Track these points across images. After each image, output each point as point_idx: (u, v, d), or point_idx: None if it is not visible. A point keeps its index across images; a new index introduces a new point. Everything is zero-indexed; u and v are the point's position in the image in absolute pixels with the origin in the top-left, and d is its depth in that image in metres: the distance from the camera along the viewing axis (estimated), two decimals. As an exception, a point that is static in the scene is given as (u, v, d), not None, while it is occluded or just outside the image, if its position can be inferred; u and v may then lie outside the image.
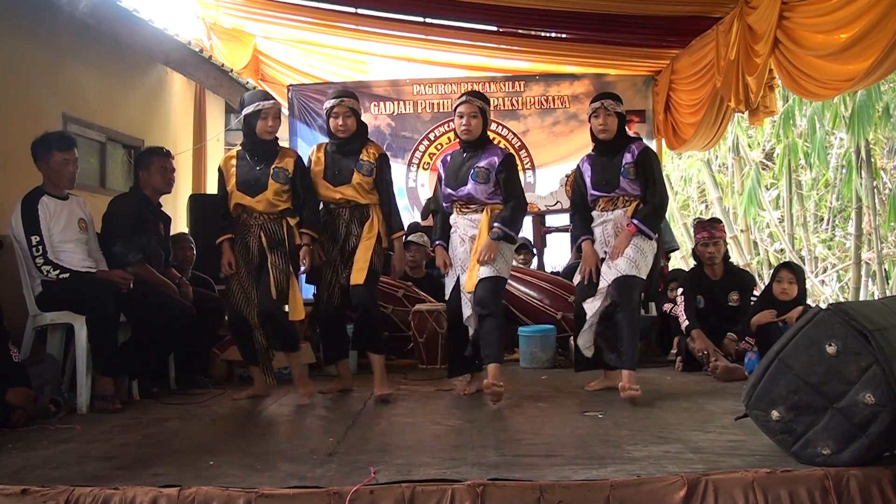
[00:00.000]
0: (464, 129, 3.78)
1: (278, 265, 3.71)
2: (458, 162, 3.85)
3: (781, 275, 4.33)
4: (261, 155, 3.80)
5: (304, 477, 2.36)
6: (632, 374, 3.57)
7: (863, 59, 3.88)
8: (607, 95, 3.89)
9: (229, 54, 6.99)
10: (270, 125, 3.76)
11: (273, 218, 3.78)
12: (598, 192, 3.83)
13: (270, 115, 3.76)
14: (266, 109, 3.75)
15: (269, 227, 3.77)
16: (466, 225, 3.79)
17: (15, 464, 2.63)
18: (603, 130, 3.79)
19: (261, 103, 3.76)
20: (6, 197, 4.10)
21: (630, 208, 3.74)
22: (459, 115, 3.80)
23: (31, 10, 4.75)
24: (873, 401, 2.25)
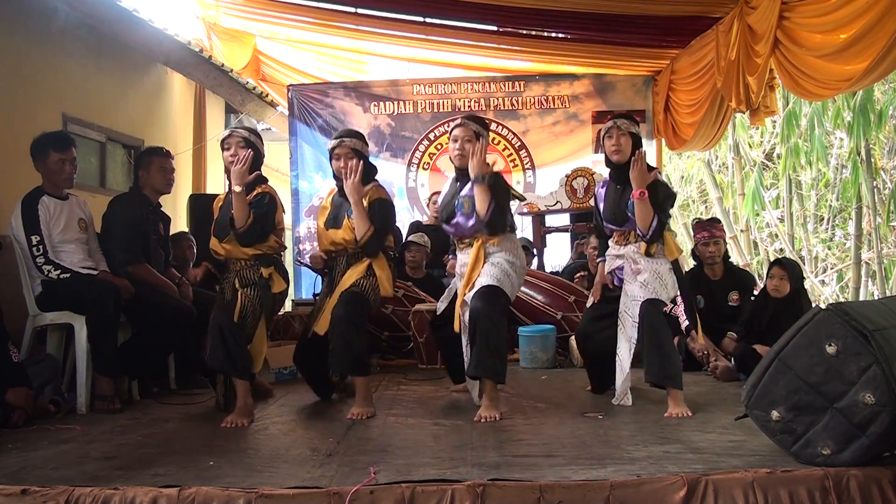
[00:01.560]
0: (457, 153, 3.51)
1: (249, 296, 3.45)
2: (451, 192, 3.62)
3: (773, 271, 4.31)
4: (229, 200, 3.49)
5: (304, 477, 2.36)
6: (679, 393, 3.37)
7: (862, 58, 3.88)
8: (622, 116, 3.64)
9: (229, 54, 7.00)
10: (231, 154, 3.47)
11: (246, 266, 3.51)
12: (611, 225, 3.62)
13: (233, 146, 3.48)
14: (225, 140, 3.52)
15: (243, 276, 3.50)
16: (464, 259, 3.54)
17: (15, 464, 2.63)
18: (616, 151, 3.52)
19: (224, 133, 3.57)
20: (6, 197, 4.11)
21: (643, 245, 3.48)
22: (454, 139, 3.53)
23: (31, 10, 4.75)
24: (873, 401, 2.25)
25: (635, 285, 3.47)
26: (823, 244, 10.48)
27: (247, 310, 3.43)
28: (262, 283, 3.49)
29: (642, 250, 3.49)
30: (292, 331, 5.14)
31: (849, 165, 8.89)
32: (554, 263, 6.59)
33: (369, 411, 3.40)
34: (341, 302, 3.47)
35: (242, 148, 3.47)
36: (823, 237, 10.52)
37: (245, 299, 3.44)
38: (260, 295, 3.47)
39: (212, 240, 3.58)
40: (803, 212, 10.28)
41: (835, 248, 10.49)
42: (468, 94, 7.53)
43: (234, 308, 3.41)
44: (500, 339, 3.34)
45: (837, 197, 10.00)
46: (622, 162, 3.51)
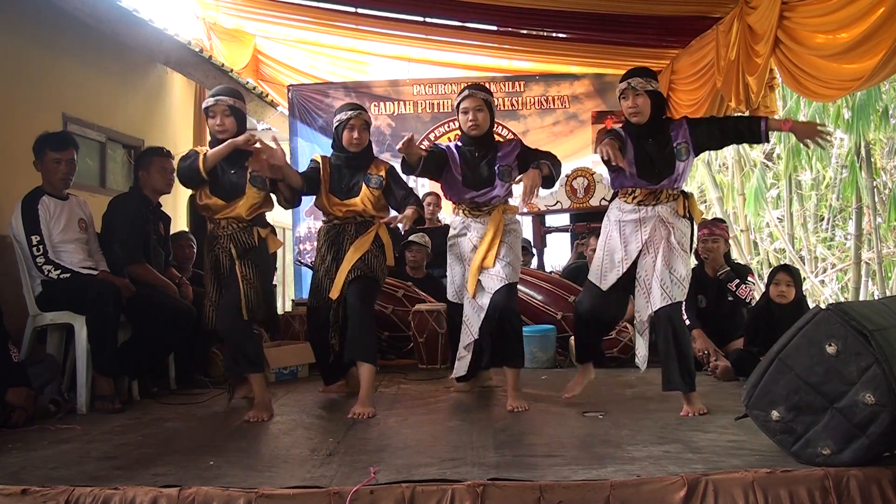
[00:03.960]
0: (471, 124, 3.56)
1: (248, 277, 3.44)
2: (473, 161, 3.61)
3: (779, 277, 4.27)
4: (231, 159, 3.49)
5: (304, 477, 2.36)
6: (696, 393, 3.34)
7: (868, 58, 3.87)
8: (636, 73, 3.36)
9: (229, 54, 7.00)
10: (218, 123, 3.48)
11: (243, 227, 3.51)
12: (643, 180, 3.32)
13: (219, 114, 3.48)
14: (210, 108, 3.51)
15: (238, 238, 3.49)
16: (480, 229, 3.60)
17: (15, 464, 2.63)
18: (634, 113, 3.30)
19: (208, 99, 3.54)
20: (6, 197, 4.11)
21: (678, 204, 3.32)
22: (464, 111, 3.58)
23: (31, 10, 4.75)
24: (873, 401, 2.25)
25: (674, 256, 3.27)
26: (823, 244, 10.48)
27: (251, 297, 3.42)
28: (262, 246, 3.51)
29: (680, 210, 3.32)
30: (292, 330, 5.13)
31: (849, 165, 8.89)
32: (554, 263, 6.59)
33: (369, 411, 3.40)
34: (359, 291, 3.57)
35: (227, 116, 3.47)
36: (823, 237, 10.52)
37: (246, 285, 3.42)
38: (258, 264, 3.48)
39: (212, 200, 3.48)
40: (803, 212, 10.28)
41: (835, 248, 10.49)
42: (468, 94, 7.53)
43: (240, 303, 3.39)
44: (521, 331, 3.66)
45: (837, 197, 10.00)
46: (642, 123, 3.32)
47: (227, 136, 3.47)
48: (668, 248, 3.30)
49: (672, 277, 3.28)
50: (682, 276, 3.30)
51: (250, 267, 3.47)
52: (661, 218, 3.32)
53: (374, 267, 3.66)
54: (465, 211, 3.66)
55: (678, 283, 3.29)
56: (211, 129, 3.55)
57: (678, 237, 3.32)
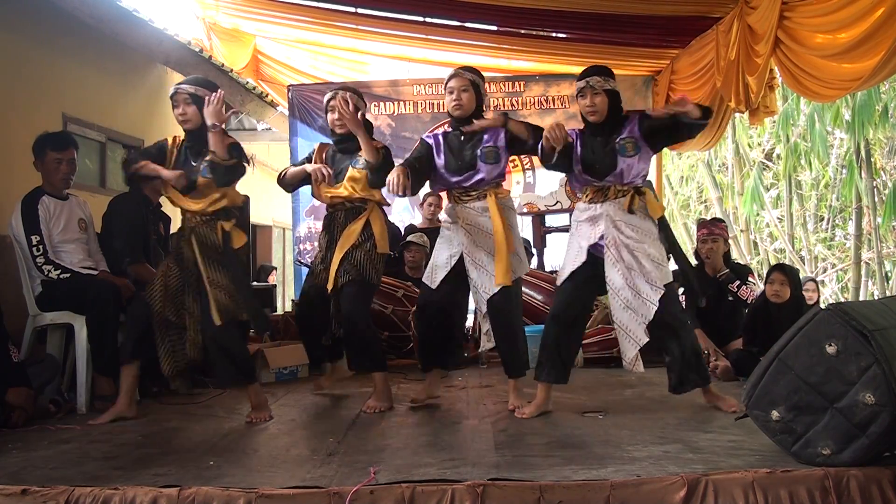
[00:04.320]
0: (454, 104, 3.44)
1: (216, 281, 3.35)
2: (457, 145, 3.50)
3: (773, 277, 4.28)
4: (194, 148, 3.40)
5: (304, 477, 2.36)
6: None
7: (868, 58, 3.87)
8: (594, 71, 3.38)
9: (229, 54, 7.00)
10: (181, 112, 3.38)
11: (205, 220, 3.40)
12: (588, 176, 3.35)
13: (181, 103, 3.38)
14: (172, 97, 3.39)
15: (200, 232, 3.39)
16: (473, 215, 3.46)
17: (15, 464, 2.63)
18: (592, 112, 3.32)
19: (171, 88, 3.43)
20: (6, 197, 4.11)
21: (625, 200, 3.27)
22: (449, 90, 3.46)
23: (31, 10, 4.75)
24: (873, 401, 2.25)
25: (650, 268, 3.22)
26: (823, 244, 10.48)
27: (221, 301, 3.32)
28: (226, 242, 3.38)
29: (624, 206, 3.27)
30: (292, 331, 5.13)
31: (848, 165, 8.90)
32: (554, 263, 6.58)
33: (386, 405, 3.54)
34: (352, 298, 3.53)
35: (188, 104, 3.36)
36: (823, 237, 10.52)
37: (214, 288, 3.31)
38: (223, 264, 3.36)
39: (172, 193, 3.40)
40: (803, 212, 10.29)
41: (835, 248, 10.49)
42: (468, 94, 7.52)
43: (211, 309, 3.31)
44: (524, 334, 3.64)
45: (837, 197, 10.00)
46: (599, 122, 3.33)
47: (189, 125, 3.39)
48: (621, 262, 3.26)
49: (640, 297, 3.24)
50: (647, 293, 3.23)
51: (215, 268, 3.36)
52: (609, 215, 3.30)
53: (364, 267, 3.57)
54: (456, 197, 3.54)
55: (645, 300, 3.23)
56: (176, 118, 3.45)
57: (629, 234, 3.27)
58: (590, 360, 4.88)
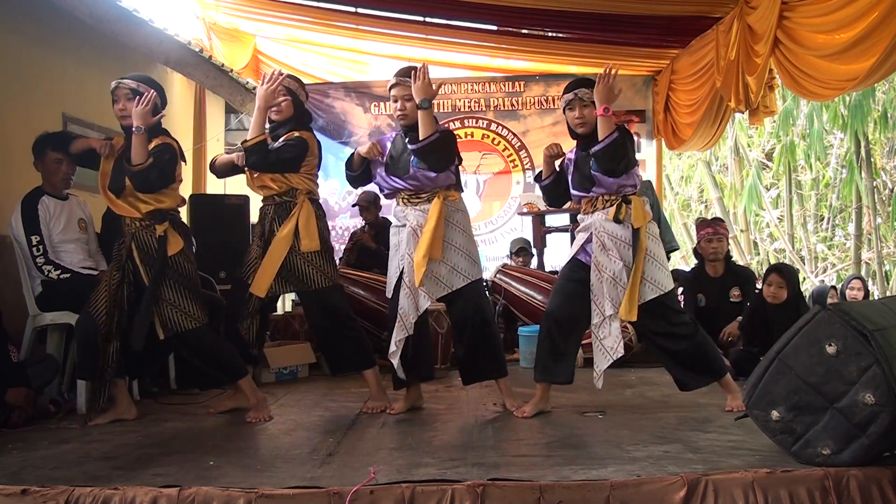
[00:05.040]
0: (400, 114, 3.39)
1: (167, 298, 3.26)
2: (400, 147, 3.44)
3: (771, 278, 4.25)
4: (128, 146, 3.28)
5: (304, 477, 2.36)
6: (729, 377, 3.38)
7: (865, 58, 3.88)
8: (582, 83, 3.41)
9: (229, 54, 6.99)
10: (120, 108, 3.34)
11: (143, 226, 3.30)
12: (578, 192, 3.43)
13: (121, 98, 3.34)
14: (112, 91, 3.35)
15: (138, 237, 3.30)
16: (418, 216, 3.37)
17: (15, 464, 2.63)
18: (581, 124, 3.34)
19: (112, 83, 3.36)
20: (6, 197, 4.10)
21: (612, 210, 3.28)
22: (393, 98, 3.41)
23: (31, 10, 4.75)
24: (873, 401, 2.25)
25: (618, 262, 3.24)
26: (823, 244, 10.49)
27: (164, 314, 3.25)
28: (161, 243, 3.27)
29: (610, 216, 3.28)
30: (292, 330, 5.13)
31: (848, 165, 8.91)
32: (554, 263, 6.58)
33: (383, 405, 3.51)
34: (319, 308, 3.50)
35: (129, 100, 3.30)
36: (823, 237, 10.53)
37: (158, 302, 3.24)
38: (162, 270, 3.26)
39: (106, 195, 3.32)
40: (803, 212, 10.29)
41: (835, 248, 10.49)
42: (468, 94, 7.53)
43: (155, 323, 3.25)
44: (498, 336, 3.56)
45: (837, 197, 10.01)
46: (588, 133, 3.33)
47: (128, 121, 3.31)
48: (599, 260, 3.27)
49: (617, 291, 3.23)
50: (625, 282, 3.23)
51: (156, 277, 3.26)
52: (595, 225, 3.33)
53: (309, 277, 3.47)
54: (404, 199, 3.44)
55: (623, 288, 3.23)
56: (116, 114, 3.40)
57: (610, 245, 3.27)
58: (590, 360, 4.86)
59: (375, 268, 5.69)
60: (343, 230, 7.39)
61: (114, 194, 3.32)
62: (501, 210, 7.51)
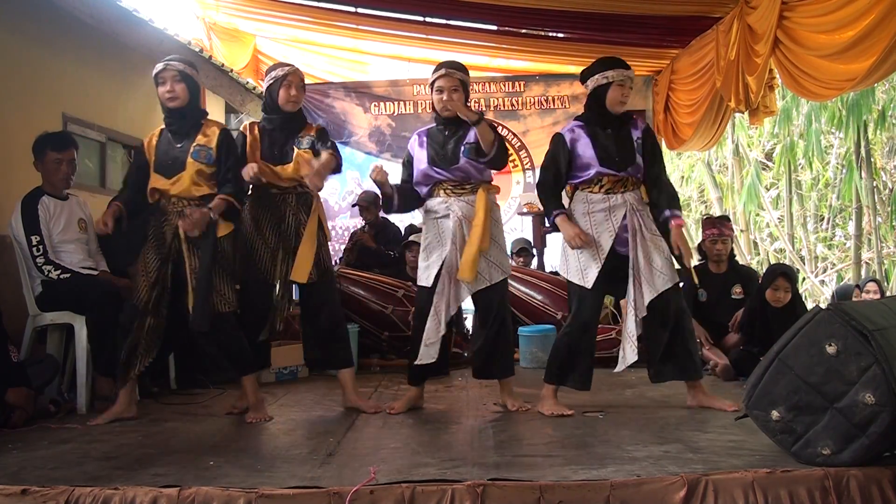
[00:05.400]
0: (444, 105, 3.42)
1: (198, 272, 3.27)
2: (441, 140, 3.47)
3: (778, 283, 4.19)
4: (179, 131, 3.36)
5: (304, 477, 2.36)
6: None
7: (864, 58, 3.88)
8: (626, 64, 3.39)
9: (229, 54, 6.99)
10: (166, 90, 3.34)
11: (192, 205, 3.33)
12: (607, 169, 3.33)
13: (168, 80, 3.33)
14: (160, 73, 3.34)
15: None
16: (464, 207, 3.41)
17: (15, 464, 2.63)
18: (623, 103, 3.35)
19: (158, 65, 3.34)
20: (6, 197, 4.10)
21: (642, 191, 3.35)
22: (438, 90, 3.42)
23: (31, 10, 4.74)
24: (873, 401, 2.25)
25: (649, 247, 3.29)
26: (823, 244, 10.49)
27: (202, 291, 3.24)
28: (211, 229, 3.29)
29: (644, 197, 3.36)
30: (292, 330, 5.12)
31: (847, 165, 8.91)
32: (554, 263, 6.58)
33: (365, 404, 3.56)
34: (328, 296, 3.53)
35: (177, 82, 3.33)
36: (823, 237, 10.53)
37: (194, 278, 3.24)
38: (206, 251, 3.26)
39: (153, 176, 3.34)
40: (803, 212, 10.29)
41: (835, 248, 10.49)
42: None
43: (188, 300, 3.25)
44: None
45: (837, 197, 10.01)
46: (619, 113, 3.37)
47: (177, 103, 3.34)
48: (643, 240, 3.32)
49: (653, 270, 3.30)
50: (660, 266, 3.31)
51: (198, 257, 3.28)
52: (631, 205, 3.34)
53: (328, 266, 3.58)
54: (447, 190, 3.45)
55: (659, 273, 3.30)
56: (161, 97, 3.36)
57: (649, 224, 3.35)
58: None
59: (375, 268, 5.70)
60: (343, 230, 7.39)
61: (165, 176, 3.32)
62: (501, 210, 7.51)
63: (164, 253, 3.33)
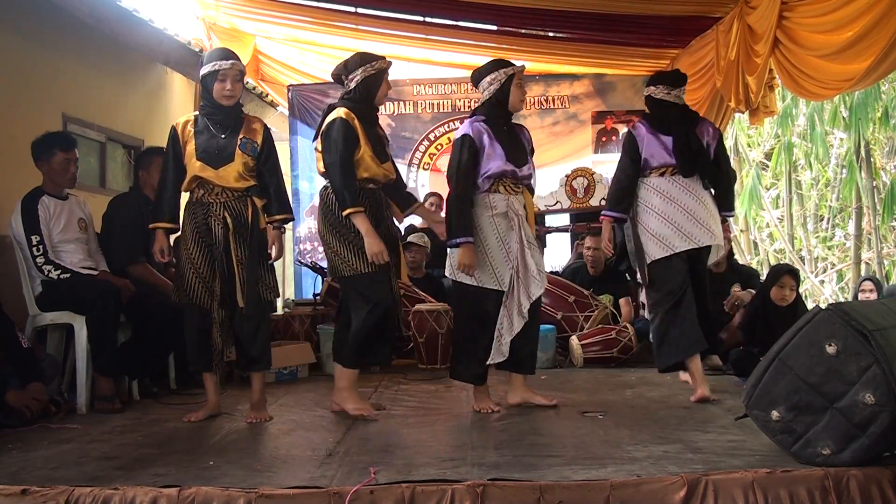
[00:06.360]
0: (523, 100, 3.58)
1: (245, 262, 3.27)
2: (506, 136, 3.47)
3: (784, 280, 4.15)
4: (223, 122, 3.34)
5: (304, 477, 2.36)
6: None
7: (863, 58, 3.89)
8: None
9: (229, 54, 6.98)
10: (229, 88, 3.31)
11: (237, 197, 3.34)
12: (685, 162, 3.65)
13: (229, 78, 3.29)
14: (224, 71, 3.28)
15: (233, 207, 3.30)
16: (518, 206, 3.45)
17: (15, 464, 2.63)
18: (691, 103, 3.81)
19: (217, 63, 3.29)
20: (6, 197, 4.10)
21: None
22: (518, 84, 3.52)
23: (31, 10, 4.75)
24: (873, 401, 2.25)
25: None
26: (823, 244, 10.48)
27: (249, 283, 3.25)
28: (255, 220, 3.32)
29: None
30: (292, 331, 5.13)
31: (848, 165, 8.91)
32: (554, 263, 6.58)
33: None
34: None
35: (238, 82, 3.33)
36: (823, 237, 10.53)
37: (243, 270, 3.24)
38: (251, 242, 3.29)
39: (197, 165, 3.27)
40: (803, 212, 10.29)
41: (835, 248, 10.49)
42: (468, 94, 7.51)
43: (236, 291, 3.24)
44: None
45: (837, 197, 10.01)
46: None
47: (233, 101, 3.35)
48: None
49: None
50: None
51: (245, 247, 3.28)
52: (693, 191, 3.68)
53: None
54: (508, 187, 3.45)
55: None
56: (217, 94, 3.30)
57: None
58: (590, 360, 4.87)
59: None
60: (343, 230, 7.39)
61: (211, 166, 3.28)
62: (501, 210, 7.51)
63: (210, 245, 3.29)
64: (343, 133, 3.27)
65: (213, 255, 3.29)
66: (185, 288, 3.31)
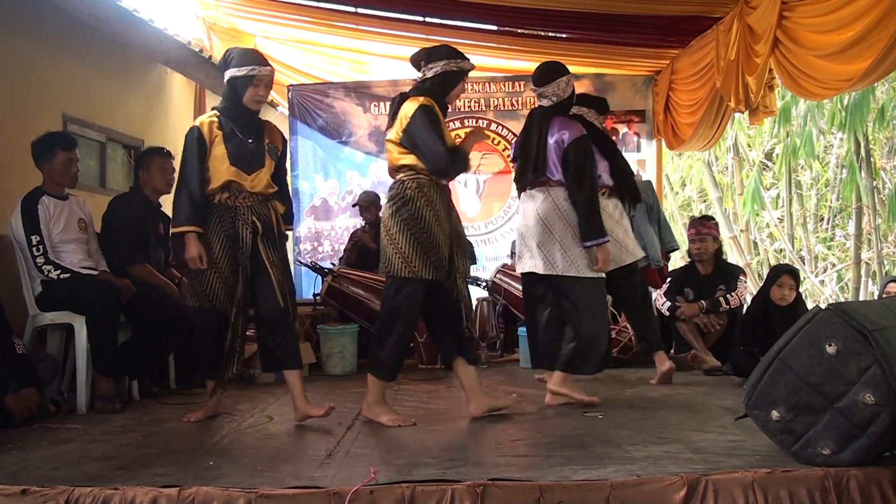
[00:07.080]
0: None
1: (276, 263, 3.29)
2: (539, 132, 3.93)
3: (783, 280, 4.19)
4: (248, 127, 3.32)
5: (304, 477, 2.36)
6: None
7: (863, 58, 3.88)
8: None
9: (229, 54, 6.98)
10: (262, 94, 3.29)
11: (262, 201, 3.32)
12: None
13: (263, 84, 3.27)
14: (260, 76, 3.25)
15: (260, 212, 3.29)
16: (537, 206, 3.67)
17: (15, 464, 2.63)
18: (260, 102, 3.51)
19: (256, 68, 3.24)
20: (6, 197, 4.10)
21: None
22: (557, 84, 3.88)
23: (32, 11, 4.75)
24: (873, 401, 2.25)
25: None
26: (823, 244, 10.48)
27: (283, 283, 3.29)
28: (278, 224, 3.36)
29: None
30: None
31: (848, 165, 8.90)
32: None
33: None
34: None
35: (267, 87, 3.31)
36: (823, 237, 10.52)
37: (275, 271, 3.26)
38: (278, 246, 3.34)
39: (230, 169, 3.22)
40: (803, 212, 10.28)
41: (835, 248, 10.49)
42: (468, 94, 7.50)
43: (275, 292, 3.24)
44: None
45: (837, 197, 10.00)
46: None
47: (261, 106, 3.36)
48: None
49: None
50: None
51: (274, 250, 3.30)
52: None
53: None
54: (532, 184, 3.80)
55: None
56: (249, 98, 3.26)
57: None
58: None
59: (375, 268, 5.69)
60: (343, 230, 7.38)
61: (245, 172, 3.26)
62: (501, 210, 7.49)
63: (236, 249, 3.25)
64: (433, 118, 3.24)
65: (237, 259, 3.25)
66: (206, 291, 3.25)
